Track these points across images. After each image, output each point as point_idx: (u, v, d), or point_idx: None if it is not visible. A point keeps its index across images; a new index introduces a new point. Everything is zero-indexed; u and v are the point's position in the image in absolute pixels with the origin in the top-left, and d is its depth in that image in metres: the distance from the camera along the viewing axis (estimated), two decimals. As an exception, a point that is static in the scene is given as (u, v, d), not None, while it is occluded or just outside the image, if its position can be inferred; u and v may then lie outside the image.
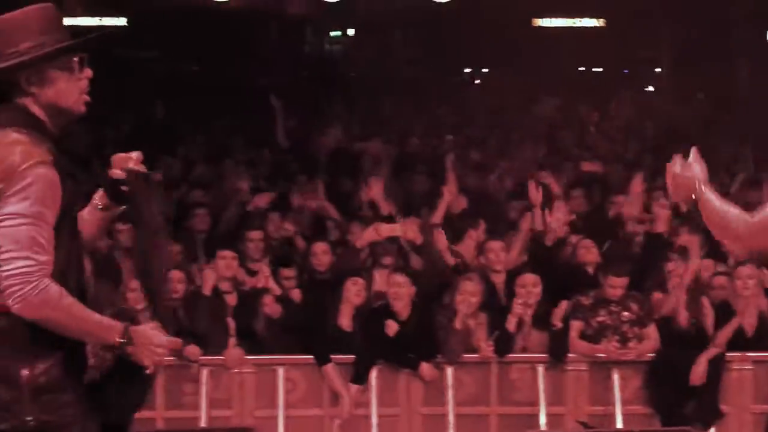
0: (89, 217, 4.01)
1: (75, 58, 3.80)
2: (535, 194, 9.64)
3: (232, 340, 8.68)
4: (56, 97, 3.76)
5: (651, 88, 21.90)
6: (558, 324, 8.73)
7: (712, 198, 3.98)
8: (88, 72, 3.84)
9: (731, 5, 17.84)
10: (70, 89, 3.78)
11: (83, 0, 18.28)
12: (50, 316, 3.54)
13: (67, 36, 3.81)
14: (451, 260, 9.42)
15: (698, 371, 8.44)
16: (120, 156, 3.94)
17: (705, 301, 8.81)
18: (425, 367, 8.60)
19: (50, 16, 3.81)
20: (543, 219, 9.55)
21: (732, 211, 3.93)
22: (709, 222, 4.01)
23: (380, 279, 9.25)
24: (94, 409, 3.77)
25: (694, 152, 4.13)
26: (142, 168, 3.94)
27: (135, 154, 3.94)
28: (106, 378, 3.83)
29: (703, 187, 4.00)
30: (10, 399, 3.59)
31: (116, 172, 3.92)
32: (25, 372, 3.60)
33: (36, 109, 3.74)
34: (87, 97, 3.84)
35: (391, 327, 8.60)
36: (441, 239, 9.44)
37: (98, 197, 4.03)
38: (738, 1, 17.69)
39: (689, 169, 4.08)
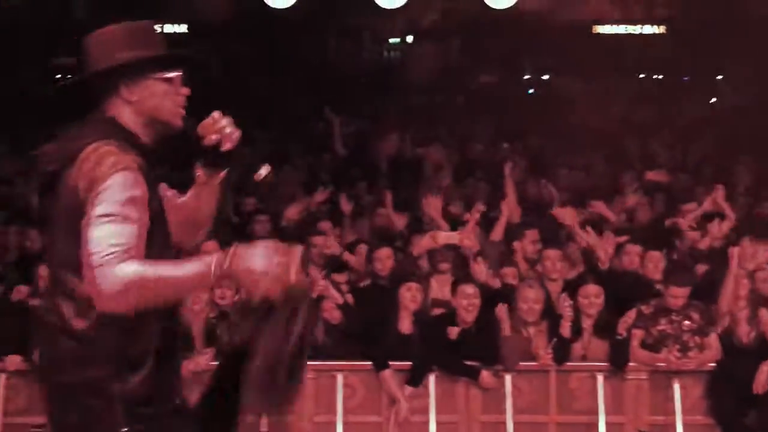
0: (198, 195, 4.06)
1: (176, 73, 3.85)
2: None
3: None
4: (155, 108, 3.81)
5: (713, 98, 21.70)
6: (623, 333, 8.67)
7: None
8: (186, 89, 3.89)
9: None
10: (169, 102, 3.84)
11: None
12: (139, 296, 3.50)
13: (167, 51, 3.87)
14: (496, 283, 9.41)
15: (761, 380, 8.34)
16: (206, 122, 3.96)
17: (764, 313, 8.71)
18: (485, 375, 8.58)
19: (151, 31, 3.89)
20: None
21: None
22: None
23: (437, 286, 9.26)
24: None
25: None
26: (231, 125, 3.97)
27: (216, 114, 3.97)
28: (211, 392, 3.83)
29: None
30: (103, 412, 3.62)
31: (212, 138, 3.94)
32: (117, 385, 3.63)
33: (128, 120, 3.79)
34: (183, 112, 3.89)
35: (453, 334, 8.60)
36: (480, 269, 9.41)
37: (199, 173, 4.05)
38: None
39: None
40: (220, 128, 3.94)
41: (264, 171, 3.95)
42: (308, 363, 8.37)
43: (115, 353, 3.62)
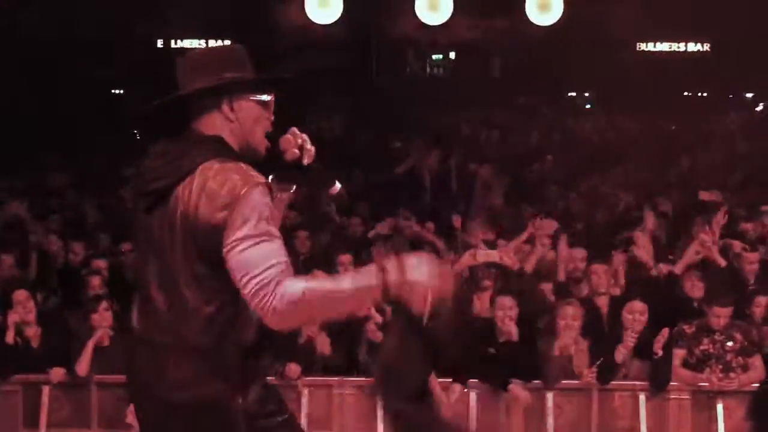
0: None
1: (270, 97, 3.88)
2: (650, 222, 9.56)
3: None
4: (250, 132, 3.81)
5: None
6: (659, 352, 8.62)
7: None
8: (272, 116, 3.91)
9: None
10: (260, 127, 3.84)
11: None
12: (307, 311, 3.48)
13: (269, 74, 3.91)
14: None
15: None
16: (286, 137, 3.95)
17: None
18: (514, 387, 8.56)
19: (246, 55, 3.89)
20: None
21: None
22: None
23: (480, 303, 9.26)
24: None
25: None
26: (309, 141, 3.98)
27: (295, 130, 3.98)
28: None
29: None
30: (227, 426, 3.66)
31: (294, 152, 3.94)
32: (239, 399, 3.66)
33: (232, 141, 3.79)
34: (267, 142, 3.89)
35: (493, 347, 8.63)
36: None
37: (275, 188, 3.96)
38: None
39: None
40: (301, 143, 3.96)
41: (338, 187, 4.00)
42: (349, 379, 8.56)
43: (237, 368, 3.65)
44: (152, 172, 3.73)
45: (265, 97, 3.86)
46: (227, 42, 19.14)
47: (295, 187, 4.10)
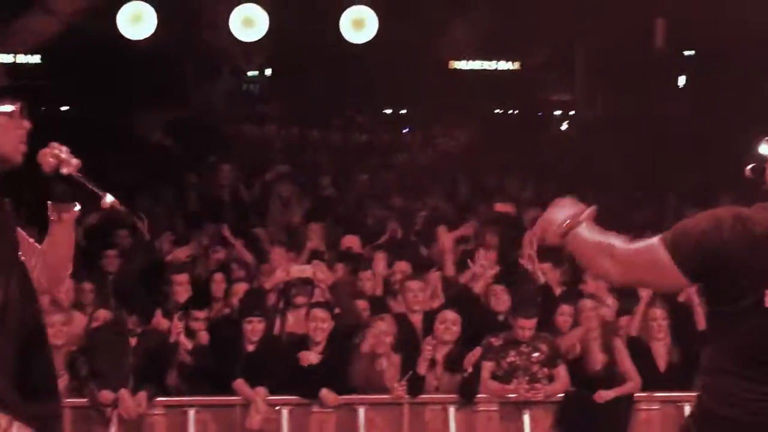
0: (53, 235, 4.02)
1: (16, 105, 3.81)
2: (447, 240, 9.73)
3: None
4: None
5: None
6: (469, 368, 8.77)
7: (581, 233, 3.84)
8: (27, 123, 3.84)
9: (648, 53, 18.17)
10: (7, 137, 3.77)
11: None
12: None
13: (6, 82, 3.83)
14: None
15: (605, 395, 8.56)
16: (43, 150, 3.93)
17: (617, 342, 8.90)
18: (325, 392, 8.60)
19: None
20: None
21: (604, 243, 3.78)
22: (580, 257, 3.89)
23: (293, 318, 9.26)
24: None
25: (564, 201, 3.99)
26: (68, 153, 3.95)
27: (53, 143, 3.95)
28: None
29: (568, 224, 3.85)
30: None
31: (50, 161, 3.92)
32: None
33: None
34: (25, 147, 3.83)
35: (306, 359, 8.64)
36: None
37: (51, 213, 4.01)
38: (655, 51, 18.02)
39: (554, 212, 3.94)
40: (56, 153, 3.92)
41: (110, 199, 3.94)
42: (159, 400, 8.44)
43: None
44: None
45: (7, 108, 3.80)
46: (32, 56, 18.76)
47: (78, 206, 4.04)
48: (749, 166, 3.85)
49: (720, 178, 12.27)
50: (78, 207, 4.06)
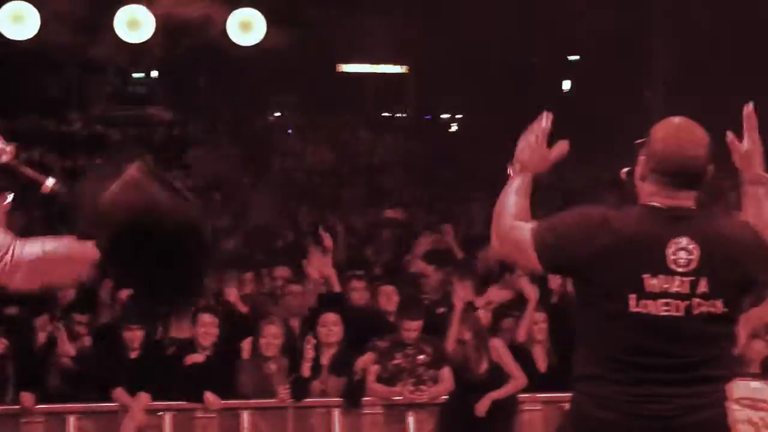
0: None
1: None
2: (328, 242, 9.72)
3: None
4: None
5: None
6: (359, 373, 8.76)
7: (513, 184, 3.95)
8: None
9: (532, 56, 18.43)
10: None
11: None
12: None
13: None
14: (243, 308, 9.46)
15: (483, 404, 8.58)
16: None
17: (497, 343, 8.95)
18: (209, 395, 8.53)
19: None
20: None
21: (506, 205, 3.88)
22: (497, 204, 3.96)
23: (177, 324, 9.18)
24: None
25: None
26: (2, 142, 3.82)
27: None
28: None
29: (515, 168, 3.96)
30: None
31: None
32: None
33: None
34: None
35: (191, 359, 8.61)
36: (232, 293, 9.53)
37: None
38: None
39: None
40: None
41: (51, 182, 3.85)
42: (37, 407, 8.28)
43: None
44: None
45: None
46: None
47: (11, 195, 3.94)
48: (625, 170, 3.92)
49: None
50: (11, 196, 3.96)
